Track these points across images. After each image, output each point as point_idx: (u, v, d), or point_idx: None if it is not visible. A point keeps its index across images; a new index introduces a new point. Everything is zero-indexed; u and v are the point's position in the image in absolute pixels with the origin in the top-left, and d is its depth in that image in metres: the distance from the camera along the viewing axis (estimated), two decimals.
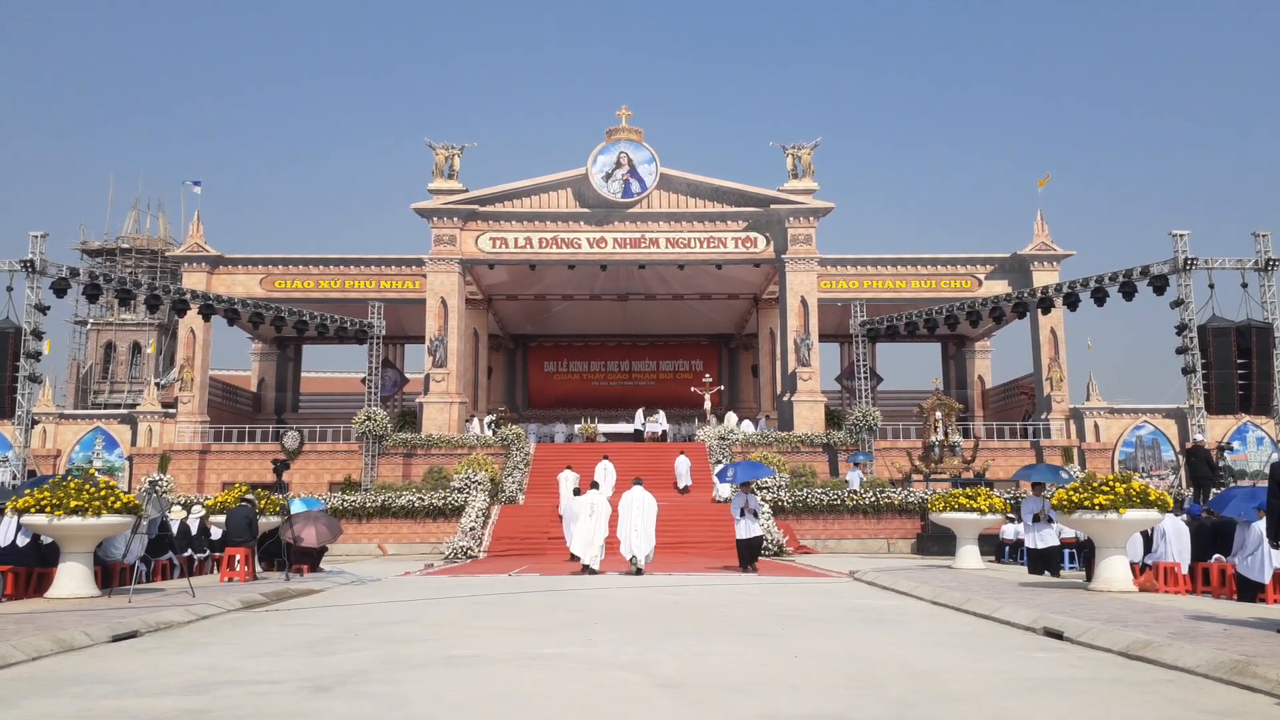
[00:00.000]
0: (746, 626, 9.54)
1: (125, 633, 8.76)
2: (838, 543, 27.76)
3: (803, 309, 36.73)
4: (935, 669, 6.79)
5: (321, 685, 6.17)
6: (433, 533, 27.93)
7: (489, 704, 5.66)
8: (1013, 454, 34.98)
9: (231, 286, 37.67)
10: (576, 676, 6.61)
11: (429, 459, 33.06)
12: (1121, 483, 11.84)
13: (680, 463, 31.05)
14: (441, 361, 36.33)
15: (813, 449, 33.61)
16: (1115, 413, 37.72)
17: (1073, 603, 10.53)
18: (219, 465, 35.21)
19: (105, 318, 52.23)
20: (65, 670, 6.96)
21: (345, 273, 39.16)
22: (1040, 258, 38.24)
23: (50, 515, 11.50)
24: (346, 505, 27.99)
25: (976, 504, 17.11)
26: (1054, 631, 8.54)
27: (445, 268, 36.95)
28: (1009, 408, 42.28)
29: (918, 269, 39.11)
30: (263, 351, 46.43)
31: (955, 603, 11.33)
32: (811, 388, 36.29)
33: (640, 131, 37.54)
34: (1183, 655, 6.76)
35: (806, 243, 37.11)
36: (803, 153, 37.49)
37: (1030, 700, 5.67)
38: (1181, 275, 27.82)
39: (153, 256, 52.11)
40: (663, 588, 14.74)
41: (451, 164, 37.30)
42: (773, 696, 5.79)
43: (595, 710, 5.45)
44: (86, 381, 51.46)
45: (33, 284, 25.81)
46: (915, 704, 5.51)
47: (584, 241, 37.39)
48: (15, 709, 5.53)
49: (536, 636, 8.78)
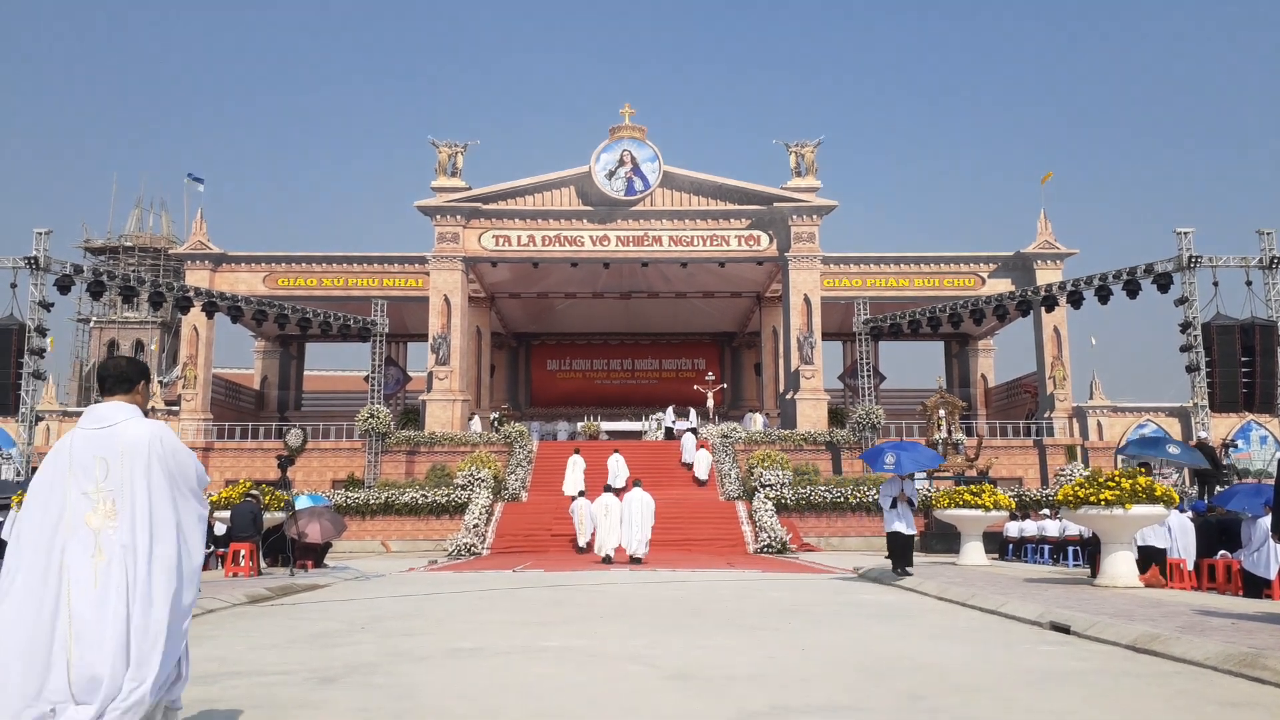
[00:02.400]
0: (752, 621, 9.52)
1: None
2: (841, 540, 27.76)
3: (806, 307, 36.69)
4: (943, 662, 6.78)
5: (328, 676, 6.16)
6: (436, 530, 27.95)
7: (495, 694, 5.64)
8: (1015, 452, 34.96)
9: (234, 284, 37.68)
10: (583, 668, 6.60)
11: (432, 456, 33.07)
12: (1127, 478, 11.81)
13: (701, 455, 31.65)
14: (444, 359, 36.33)
15: (816, 447, 33.59)
16: (1119, 411, 37.72)
17: (1079, 598, 10.51)
18: (222, 463, 35.20)
19: (108, 316, 52.35)
20: None
21: (348, 270, 39.17)
22: (1043, 256, 38.20)
23: None
24: (350, 502, 28.00)
25: (981, 501, 17.07)
26: (1061, 625, 8.52)
27: (448, 265, 36.94)
28: (1012, 406, 42.26)
29: (921, 267, 39.08)
30: (266, 349, 46.45)
31: (961, 598, 11.30)
32: (815, 386, 36.26)
33: (643, 129, 37.51)
34: (1191, 648, 6.73)
35: (810, 241, 37.06)
36: (806, 151, 37.45)
37: (1039, 691, 5.65)
38: (1186, 273, 27.79)
39: (155, 254, 52.24)
40: (667, 583, 14.73)
41: (455, 162, 37.29)
42: (782, 687, 5.77)
43: (602, 700, 5.43)
44: (89, 379, 51.57)
45: (37, 281, 25.85)
46: (924, 695, 5.49)
47: (587, 239, 37.37)
48: None
49: (541, 630, 8.77)
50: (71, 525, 3.49)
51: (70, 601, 3.37)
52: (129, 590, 3.41)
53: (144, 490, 3.53)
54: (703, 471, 31.25)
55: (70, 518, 3.50)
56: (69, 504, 3.52)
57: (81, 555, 3.43)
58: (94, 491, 3.51)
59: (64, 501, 3.52)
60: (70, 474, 3.55)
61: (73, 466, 3.56)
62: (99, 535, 3.46)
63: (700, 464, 31.42)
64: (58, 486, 3.54)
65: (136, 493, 3.52)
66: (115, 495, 3.51)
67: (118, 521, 3.48)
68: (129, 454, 3.55)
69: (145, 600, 3.42)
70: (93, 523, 3.48)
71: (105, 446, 3.56)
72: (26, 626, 3.34)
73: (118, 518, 3.48)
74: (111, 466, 3.53)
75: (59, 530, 3.49)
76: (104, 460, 3.52)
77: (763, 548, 25.04)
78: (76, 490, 3.53)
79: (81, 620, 3.35)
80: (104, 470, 3.51)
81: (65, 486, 3.53)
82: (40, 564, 3.43)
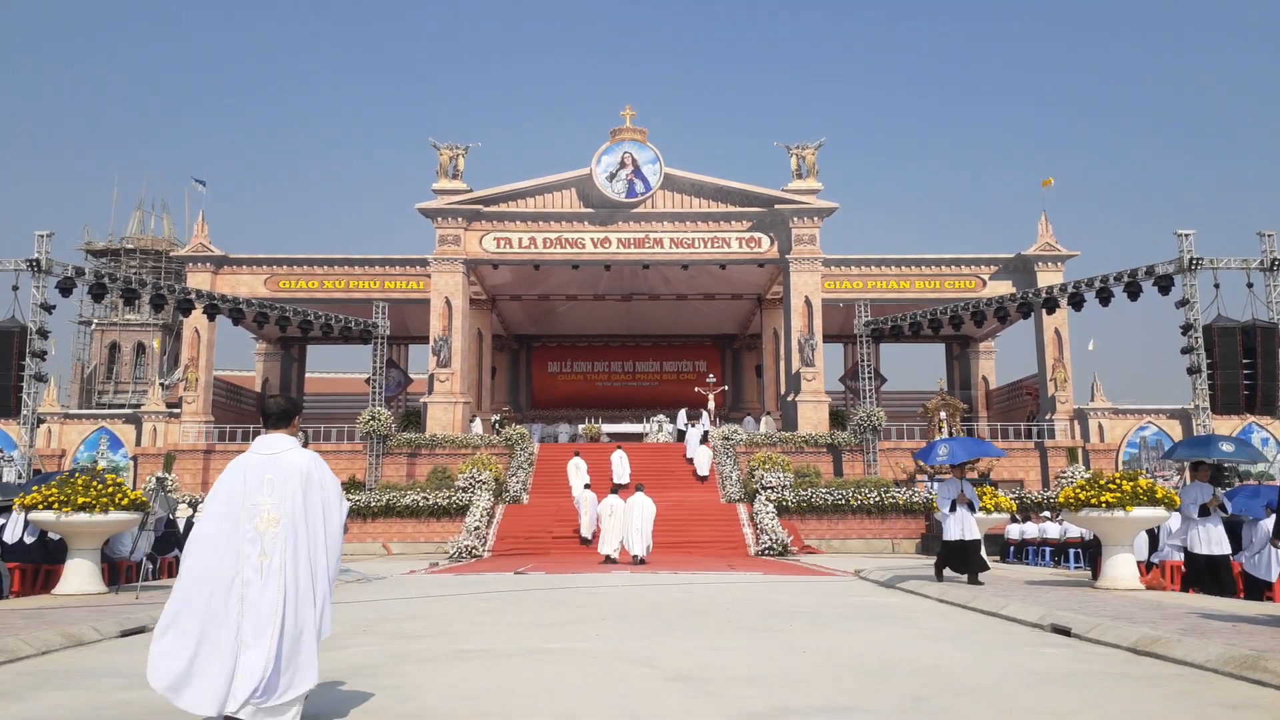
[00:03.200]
0: (753, 623, 9.54)
1: (134, 628, 8.78)
2: (842, 542, 27.76)
3: (807, 309, 36.71)
4: (944, 664, 6.79)
5: (333, 678, 6.17)
6: (437, 532, 27.96)
7: (499, 695, 5.66)
8: (1017, 455, 34.94)
9: (236, 286, 37.72)
10: (585, 669, 6.62)
11: (433, 459, 33.09)
12: (1129, 480, 11.82)
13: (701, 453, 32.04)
14: (445, 361, 36.36)
15: (817, 449, 33.60)
16: (1120, 413, 37.69)
17: (1080, 600, 10.52)
18: (223, 465, 34.84)
19: (109, 318, 52.36)
20: (75, 664, 6.98)
21: (349, 273, 39.21)
22: (1044, 258, 38.20)
23: (58, 512, 11.53)
24: (351, 505, 27.97)
25: (982, 503, 17.07)
26: (1061, 628, 8.53)
27: (449, 268, 36.97)
28: (1013, 408, 42.25)
29: (922, 269, 39.09)
30: (267, 352, 46.48)
31: (962, 600, 11.32)
32: (816, 388, 36.27)
33: (644, 131, 37.55)
34: (1192, 650, 6.74)
35: (811, 243, 37.08)
36: (807, 153, 37.46)
37: (1040, 693, 5.67)
38: (1187, 275, 27.76)
39: (157, 257, 52.24)
40: (668, 586, 14.75)
41: (456, 164, 37.32)
42: (783, 689, 5.79)
43: (604, 701, 5.45)
44: (91, 382, 51.59)
45: (38, 283, 25.82)
46: (926, 697, 5.51)
47: (588, 242, 37.40)
48: (26, 701, 5.54)
49: (544, 632, 8.79)
50: (244, 528, 4.59)
51: (244, 583, 4.52)
52: (284, 578, 4.55)
53: (301, 505, 4.67)
54: (704, 468, 31.53)
55: (244, 521, 4.60)
56: (245, 510, 4.62)
57: (251, 550, 4.56)
58: (263, 503, 4.64)
59: (241, 506, 4.62)
60: (244, 488, 4.67)
61: (246, 483, 4.68)
62: (263, 537, 4.59)
63: (701, 460, 31.71)
64: (236, 495, 4.66)
65: (295, 507, 4.66)
66: (278, 507, 4.64)
67: (279, 528, 4.61)
68: (290, 477, 4.70)
69: (294, 584, 4.56)
70: (260, 527, 4.60)
71: (272, 469, 4.72)
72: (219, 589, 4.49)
73: (279, 525, 4.62)
74: (276, 485, 4.68)
75: (239, 525, 4.59)
76: (271, 480, 4.69)
77: (764, 550, 25.05)
78: (250, 501, 4.63)
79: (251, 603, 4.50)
80: (270, 488, 4.67)
81: (243, 496, 4.65)
82: (225, 561, 4.54)
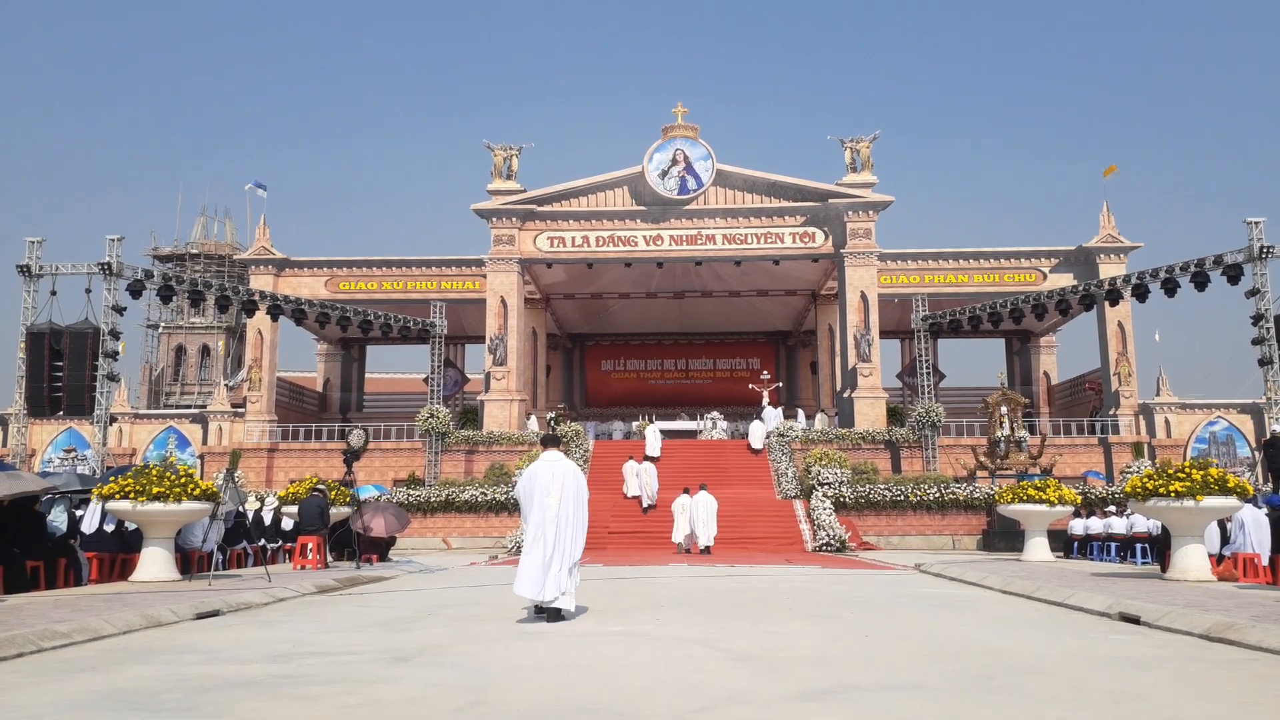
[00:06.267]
0: (815, 610, 9.52)
1: (208, 611, 9.05)
2: (901, 539, 27.50)
3: (862, 304, 36.36)
4: (1010, 646, 6.73)
5: (401, 656, 6.32)
6: (495, 527, 28.27)
7: (564, 671, 5.74)
8: (1080, 450, 34.29)
9: (297, 288, 38.48)
10: (648, 650, 6.67)
11: (490, 455, 33.43)
12: (1199, 469, 11.55)
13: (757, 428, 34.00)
14: (501, 360, 36.71)
15: (874, 446, 33.27)
16: (1187, 408, 36.74)
17: (1148, 590, 10.31)
18: (286, 463, 36.01)
19: (175, 321, 53.75)
20: (154, 642, 7.21)
21: (407, 274, 39.79)
22: (1107, 250, 37.42)
23: (134, 501, 11.91)
24: (411, 500, 28.44)
25: (1046, 495, 16.81)
26: (1130, 616, 8.37)
27: (504, 267, 37.32)
28: (1075, 404, 41.43)
29: (980, 263, 38.52)
30: (328, 352, 47.37)
31: (1026, 591, 11.16)
32: (872, 384, 35.90)
33: (696, 128, 37.51)
34: (1268, 636, 6.58)
35: (866, 237, 36.70)
36: (861, 146, 37.11)
37: (1110, 674, 5.59)
38: (1257, 264, 27.02)
39: (220, 261, 53.49)
40: (727, 577, 14.76)
41: (510, 165, 37.67)
42: (847, 668, 5.79)
43: (668, 677, 5.50)
44: (158, 383, 53.01)
45: (110, 286, 26.67)
46: (993, 676, 5.47)
47: (640, 239, 37.47)
48: (112, 674, 5.75)
49: (605, 616, 8.86)
50: (548, 504, 8.20)
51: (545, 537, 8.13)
52: (561, 534, 8.16)
53: (573, 492, 8.30)
54: (757, 441, 33.29)
55: (542, 502, 8.21)
56: (547, 496, 8.22)
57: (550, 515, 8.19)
58: (555, 492, 8.24)
59: (545, 494, 8.22)
60: (542, 484, 8.26)
61: (541, 480, 8.27)
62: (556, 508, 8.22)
63: (755, 434, 33.59)
64: (538, 490, 8.24)
65: (567, 492, 8.27)
66: (561, 492, 8.24)
67: (561, 506, 8.21)
68: (567, 476, 8.35)
69: (571, 538, 8.20)
70: (550, 505, 8.19)
71: (556, 472, 8.35)
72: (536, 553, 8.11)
73: (562, 503, 8.22)
74: (556, 479, 8.29)
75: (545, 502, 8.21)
76: (557, 477, 8.31)
77: (821, 546, 24.90)
78: (543, 491, 8.23)
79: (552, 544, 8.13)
80: (560, 483, 8.28)
81: (545, 489, 8.22)
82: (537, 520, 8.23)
